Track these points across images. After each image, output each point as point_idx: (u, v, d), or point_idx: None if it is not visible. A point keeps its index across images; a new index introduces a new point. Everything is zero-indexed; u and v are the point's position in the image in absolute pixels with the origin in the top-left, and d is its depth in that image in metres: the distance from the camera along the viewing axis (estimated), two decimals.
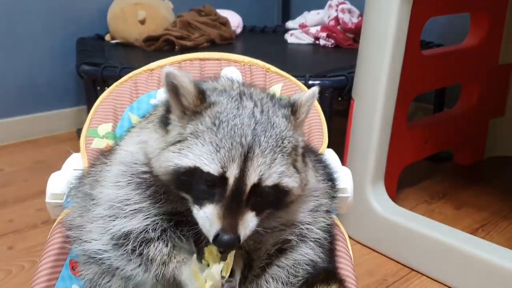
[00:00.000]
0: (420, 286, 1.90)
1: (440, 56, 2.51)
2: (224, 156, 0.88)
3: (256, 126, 0.91)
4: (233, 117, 0.91)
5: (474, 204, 2.45)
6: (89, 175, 1.17)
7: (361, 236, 2.16)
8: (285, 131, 0.94)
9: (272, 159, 0.90)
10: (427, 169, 2.86)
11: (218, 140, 0.89)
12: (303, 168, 0.99)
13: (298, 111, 0.97)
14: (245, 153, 0.88)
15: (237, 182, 0.88)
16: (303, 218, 1.05)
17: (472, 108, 2.72)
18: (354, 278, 1.13)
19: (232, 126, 0.90)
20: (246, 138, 0.89)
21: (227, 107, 0.93)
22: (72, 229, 1.12)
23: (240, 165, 0.88)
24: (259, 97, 0.99)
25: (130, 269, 1.02)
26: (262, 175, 0.89)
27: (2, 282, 1.90)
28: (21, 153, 3.17)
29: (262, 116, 0.93)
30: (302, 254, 1.05)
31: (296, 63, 2.96)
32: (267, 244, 1.03)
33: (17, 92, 3.32)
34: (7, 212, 2.42)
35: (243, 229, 0.89)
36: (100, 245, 1.03)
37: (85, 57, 2.87)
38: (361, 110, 2.12)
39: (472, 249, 1.81)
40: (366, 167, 2.10)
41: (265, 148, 0.90)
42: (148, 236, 1.00)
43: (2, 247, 2.13)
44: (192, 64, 1.54)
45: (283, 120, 0.95)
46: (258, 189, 0.89)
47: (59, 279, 1.15)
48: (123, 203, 1.01)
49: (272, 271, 1.03)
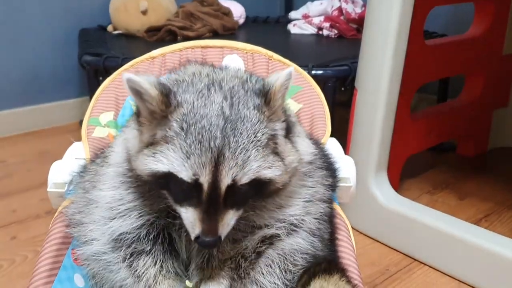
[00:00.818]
0: (423, 276, 1.89)
1: (443, 46, 2.49)
2: (194, 163, 0.85)
3: (226, 124, 0.87)
4: (201, 118, 0.87)
5: (478, 195, 2.44)
6: (89, 171, 1.17)
7: (364, 227, 2.16)
8: (257, 124, 0.90)
9: (245, 158, 0.87)
10: (431, 159, 2.84)
11: (187, 146, 0.86)
12: (287, 148, 0.96)
13: (272, 99, 0.91)
14: (216, 158, 0.85)
15: (211, 187, 0.86)
16: (296, 211, 1.03)
17: (476, 98, 2.70)
18: (357, 268, 1.13)
19: (200, 129, 0.86)
20: (215, 142, 0.85)
21: (194, 107, 0.88)
22: (72, 226, 1.12)
23: (211, 171, 0.85)
24: (230, 85, 0.94)
25: (121, 278, 1.03)
26: (235, 176, 0.86)
27: (5, 272, 1.90)
28: (24, 144, 3.18)
29: (231, 111, 0.89)
30: (297, 243, 1.02)
31: (299, 53, 2.95)
32: (255, 239, 1.01)
33: (20, 83, 3.31)
34: (10, 202, 2.43)
35: (223, 229, 0.89)
36: (99, 246, 1.04)
37: (87, 48, 2.87)
38: (364, 100, 2.11)
39: (475, 239, 1.81)
40: (369, 157, 2.10)
41: (235, 149, 0.86)
42: (140, 248, 1.01)
43: (5, 237, 2.14)
44: (194, 52, 1.53)
45: (254, 112, 0.90)
46: (234, 189, 0.87)
47: (61, 268, 1.14)
48: (118, 203, 1.02)
49: (267, 255, 1.01)
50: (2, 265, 1.94)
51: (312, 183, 1.07)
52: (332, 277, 1.00)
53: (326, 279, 1.00)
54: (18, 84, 3.31)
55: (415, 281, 1.87)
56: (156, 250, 1.01)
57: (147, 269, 1.01)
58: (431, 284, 1.85)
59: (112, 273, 1.04)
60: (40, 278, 1.09)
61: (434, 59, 2.33)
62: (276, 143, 0.92)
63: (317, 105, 1.49)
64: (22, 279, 1.83)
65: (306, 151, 1.03)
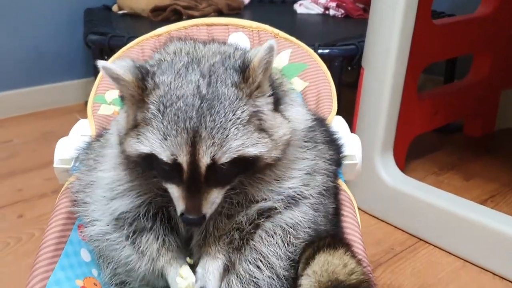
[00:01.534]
0: (428, 255, 1.90)
1: (451, 25, 2.46)
2: (171, 144, 0.86)
3: (202, 104, 0.86)
4: (177, 99, 0.87)
5: (484, 176, 2.44)
6: (93, 149, 1.19)
7: (369, 206, 2.16)
8: (236, 101, 0.88)
9: (223, 136, 0.86)
10: (437, 140, 2.83)
11: (164, 127, 0.86)
12: (277, 122, 0.94)
13: (251, 76, 0.89)
14: (192, 138, 0.85)
15: (190, 166, 0.86)
16: (295, 183, 1.02)
17: (483, 78, 2.68)
18: (362, 243, 1.13)
19: (176, 111, 0.86)
20: (190, 122, 0.85)
21: (170, 88, 0.88)
22: (76, 204, 1.14)
23: (189, 151, 0.85)
24: (211, 62, 0.93)
25: (125, 255, 1.04)
26: (214, 155, 0.86)
27: (12, 249, 1.92)
28: (30, 124, 3.19)
29: (208, 89, 0.88)
30: (297, 216, 1.02)
31: (305, 32, 2.92)
32: (252, 213, 1.01)
33: (25, 63, 3.31)
34: (16, 181, 2.44)
35: (208, 207, 0.90)
36: (102, 226, 1.06)
37: (93, 27, 2.86)
38: (370, 79, 2.10)
39: (481, 218, 1.81)
40: (375, 137, 2.09)
41: (211, 128, 0.86)
42: (140, 225, 1.02)
43: (12, 215, 2.15)
44: (199, 30, 1.52)
45: (232, 89, 0.89)
46: (215, 167, 0.87)
47: (67, 243, 1.14)
48: (116, 184, 1.03)
49: (267, 228, 1.01)
50: (9, 243, 1.96)
51: (311, 156, 1.05)
52: (337, 252, 1.00)
53: (330, 253, 1.00)
54: (23, 64, 3.30)
55: (419, 260, 1.87)
56: (157, 227, 1.02)
57: (150, 245, 1.02)
58: (436, 263, 1.85)
59: (117, 251, 1.05)
60: (47, 252, 1.10)
61: (442, 38, 2.31)
62: (260, 119, 0.91)
63: (323, 83, 1.48)
64: (29, 257, 1.84)
65: (300, 119, 1.02)
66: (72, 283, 1.08)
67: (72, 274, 1.10)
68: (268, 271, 0.99)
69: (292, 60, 1.51)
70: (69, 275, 1.09)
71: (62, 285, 1.06)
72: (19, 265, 1.82)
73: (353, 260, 1.00)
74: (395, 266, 1.83)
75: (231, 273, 0.99)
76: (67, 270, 1.10)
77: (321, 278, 0.95)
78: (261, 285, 0.99)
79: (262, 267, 0.99)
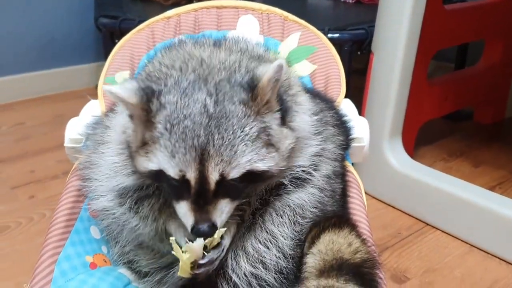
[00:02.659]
0: (434, 240, 1.91)
1: (463, 11, 2.44)
2: (180, 162, 0.86)
3: (210, 122, 0.86)
4: (184, 118, 0.86)
5: (492, 163, 2.43)
6: (101, 124, 1.19)
7: (377, 191, 2.16)
8: (244, 118, 0.88)
9: (231, 153, 0.86)
10: (446, 128, 2.83)
11: (172, 145, 0.86)
12: (283, 134, 0.94)
13: (259, 95, 0.89)
14: (200, 155, 0.85)
15: (199, 182, 0.87)
16: (303, 162, 1.02)
17: (495, 65, 2.66)
18: (367, 224, 1.14)
19: (183, 129, 0.86)
20: (198, 140, 0.85)
21: (177, 107, 0.88)
22: (83, 180, 1.15)
23: (197, 168, 0.86)
24: (217, 79, 0.92)
25: (131, 226, 1.05)
26: (223, 172, 0.86)
27: (24, 229, 1.96)
28: (41, 107, 3.22)
29: (216, 108, 0.87)
30: (304, 198, 1.02)
31: (315, 17, 2.90)
32: (261, 189, 1.01)
33: (37, 47, 3.33)
34: (28, 163, 2.48)
35: (218, 217, 0.89)
36: (106, 202, 1.06)
37: (103, 10, 2.87)
38: (380, 64, 2.10)
39: (488, 203, 1.81)
40: (383, 122, 2.09)
41: (220, 145, 0.86)
42: (142, 194, 1.02)
43: (23, 196, 2.19)
44: (209, 12, 1.53)
45: (241, 107, 0.88)
46: (223, 183, 0.88)
47: (77, 220, 1.17)
48: (123, 167, 1.04)
49: (276, 207, 1.02)
50: (21, 223, 1.99)
51: (319, 141, 1.05)
52: (342, 231, 1.01)
53: (336, 232, 1.01)
54: (34, 48, 3.32)
55: (426, 244, 1.88)
56: (158, 193, 1.02)
57: (152, 207, 1.02)
58: (443, 248, 1.86)
59: (124, 226, 1.06)
60: (58, 228, 1.12)
61: (453, 24, 2.29)
62: (269, 135, 0.91)
63: (332, 66, 1.48)
64: (40, 237, 1.84)
65: (304, 128, 1.02)
66: (82, 259, 1.10)
67: (82, 251, 1.12)
68: (276, 251, 1.00)
69: (301, 42, 1.51)
70: (79, 251, 1.11)
71: (72, 261, 1.08)
72: (31, 244, 1.86)
73: (358, 240, 1.01)
74: (402, 250, 1.84)
75: (239, 250, 1.00)
76: (77, 246, 1.12)
77: (326, 257, 0.96)
78: (268, 264, 1.00)
79: (270, 247, 1.00)
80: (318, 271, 0.95)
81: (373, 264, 0.97)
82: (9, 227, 1.96)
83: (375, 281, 0.95)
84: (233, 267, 0.99)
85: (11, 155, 2.54)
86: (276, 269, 1.00)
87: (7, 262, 1.76)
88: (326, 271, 0.94)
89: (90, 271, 1.09)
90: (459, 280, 1.69)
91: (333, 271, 0.93)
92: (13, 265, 1.74)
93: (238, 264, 1.00)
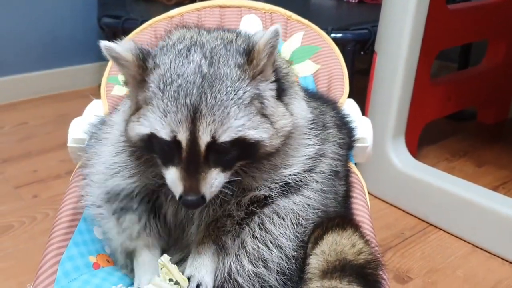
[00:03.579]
0: (437, 240, 1.90)
1: (466, 10, 2.44)
2: (171, 121, 0.86)
3: (203, 81, 0.87)
4: (177, 77, 0.88)
5: (495, 163, 2.43)
6: (103, 127, 1.20)
7: (380, 191, 2.16)
8: (238, 82, 0.89)
9: (224, 114, 0.86)
10: (450, 128, 2.82)
11: (164, 104, 0.87)
12: (279, 111, 0.94)
13: (255, 58, 0.90)
14: (192, 114, 0.85)
15: (190, 144, 0.86)
16: (294, 170, 1.01)
17: (498, 65, 2.66)
18: (370, 224, 1.14)
19: (176, 88, 0.87)
20: (191, 98, 0.86)
21: (171, 67, 0.89)
22: (83, 178, 1.16)
23: (189, 127, 0.86)
24: (213, 45, 0.93)
25: (109, 226, 1.07)
26: (214, 133, 0.86)
27: (27, 228, 1.96)
28: (44, 107, 3.22)
29: (210, 69, 0.88)
30: (297, 202, 1.01)
31: (318, 16, 2.89)
32: (244, 200, 1.00)
33: (40, 47, 3.33)
34: (32, 163, 2.48)
35: (207, 188, 0.88)
36: (95, 198, 1.08)
37: (106, 10, 2.87)
38: (383, 64, 2.09)
39: (491, 204, 1.81)
40: (386, 122, 2.09)
41: (212, 104, 0.86)
42: (129, 205, 1.04)
43: (27, 195, 2.19)
44: (212, 12, 1.53)
45: (235, 70, 0.89)
46: (215, 146, 0.87)
47: (81, 220, 1.17)
48: (120, 168, 1.04)
49: (277, 208, 1.01)
50: (24, 222, 2.00)
51: (315, 142, 1.05)
52: (346, 232, 1.01)
53: (339, 233, 1.01)
54: (37, 48, 3.32)
55: (429, 244, 1.88)
56: (142, 210, 1.04)
57: (133, 224, 1.04)
58: (445, 248, 1.86)
59: (105, 224, 1.09)
60: (61, 229, 1.12)
61: (456, 24, 2.29)
62: (262, 103, 0.91)
63: (336, 66, 1.48)
64: (43, 236, 1.86)
65: (301, 114, 1.02)
66: (85, 259, 1.10)
67: (85, 251, 1.12)
68: (277, 251, 1.00)
69: (304, 42, 1.51)
70: (83, 251, 1.12)
71: (76, 261, 1.08)
72: (34, 243, 1.86)
73: (362, 240, 1.01)
74: (405, 250, 1.84)
75: (240, 250, 0.99)
76: (80, 246, 1.12)
77: (329, 258, 0.97)
78: (270, 265, 0.99)
79: (270, 246, 0.99)
80: (321, 272, 0.95)
81: (376, 265, 0.97)
82: (12, 226, 1.97)
83: (379, 282, 0.95)
84: (238, 269, 0.99)
85: (14, 155, 2.55)
86: (279, 270, 0.99)
87: (10, 261, 1.77)
88: (329, 272, 0.94)
89: (93, 271, 1.09)
90: (462, 280, 1.69)
91: (336, 272, 0.93)
92: (16, 264, 1.75)
93: (242, 264, 0.99)
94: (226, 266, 0.98)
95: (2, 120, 2.97)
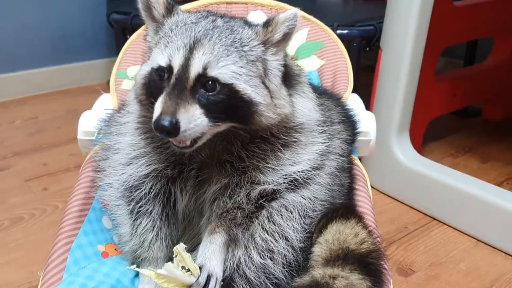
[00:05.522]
0: (441, 234, 1.92)
1: (472, 7, 2.44)
2: (170, 49, 0.91)
3: (214, 28, 0.93)
4: (190, 22, 0.95)
5: (500, 159, 2.44)
6: (115, 121, 1.22)
7: (384, 186, 2.18)
8: (248, 39, 0.94)
9: (223, 54, 0.90)
10: (455, 124, 2.83)
11: (169, 38, 0.93)
12: (281, 93, 0.97)
13: (271, 25, 0.94)
14: (192, 43, 0.91)
15: (181, 69, 0.89)
16: (302, 167, 1.03)
17: (504, 61, 2.66)
18: (372, 215, 1.16)
19: (186, 26, 0.94)
20: (196, 32, 0.92)
21: (188, 18, 0.97)
22: (98, 171, 1.18)
23: (185, 54, 0.90)
24: (230, 18, 1.00)
25: (123, 231, 1.10)
26: (207, 63, 0.88)
27: (37, 220, 2.00)
28: (54, 102, 3.26)
29: (223, 24, 0.95)
30: (302, 197, 1.03)
31: (324, 13, 2.91)
32: (254, 194, 1.02)
33: (50, 43, 3.37)
34: (42, 156, 2.52)
35: (184, 117, 0.87)
36: (113, 193, 1.11)
37: (116, 6, 2.91)
38: (388, 60, 2.11)
39: (495, 198, 1.82)
40: (391, 117, 2.10)
41: (215, 42, 0.90)
42: (144, 209, 1.06)
43: (37, 188, 2.23)
44: (219, 8, 1.55)
45: (247, 30, 0.95)
46: (204, 79, 0.89)
47: (90, 210, 1.19)
48: (131, 148, 1.07)
49: (285, 202, 1.03)
50: (34, 214, 2.03)
51: (323, 139, 1.07)
52: (349, 222, 1.04)
53: (343, 223, 1.03)
54: (48, 44, 3.37)
55: (432, 238, 1.90)
56: (156, 214, 1.06)
57: (146, 231, 1.07)
58: (449, 242, 1.88)
59: (121, 222, 1.11)
60: (71, 218, 1.15)
61: (462, 20, 2.30)
62: (266, 72, 0.95)
63: (340, 62, 1.50)
64: (53, 227, 1.91)
65: (304, 113, 1.03)
66: (94, 248, 1.13)
67: (94, 240, 1.15)
68: (284, 243, 1.02)
69: (309, 38, 1.53)
70: (92, 240, 1.15)
71: (85, 249, 1.11)
72: (44, 234, 1.90)
73: (364, 231, 1.03)
74: (408, 244, 1.86)
75: (250, 242, 1.01)
76: (89, 235, 1.15)
77: (332, 246, 0.99)
78: (276, 256, 1.01)
79: (277, 238, 1.02)
80: (324, 260, 0.97)
81: (378, 255, 0.99)
82: (23, 218, 2.01)
83: (380, 271, 0.98)
84: (246, 261, 1.01)
85: (24, 149, 2.59)
86: (285, 262, 1.02)
87: (21, 252, 1.80)
88: (332, 260, 0.96)
89: (102, 259, 1.12)
90: (465, 274, 1.71)
91: (338, 260, 0.96)
92: (26, 254, 1.79)
93: (251, 256, 1.01)
94: (235, 258, 1.01)
95: (13, 115, 3.02)
